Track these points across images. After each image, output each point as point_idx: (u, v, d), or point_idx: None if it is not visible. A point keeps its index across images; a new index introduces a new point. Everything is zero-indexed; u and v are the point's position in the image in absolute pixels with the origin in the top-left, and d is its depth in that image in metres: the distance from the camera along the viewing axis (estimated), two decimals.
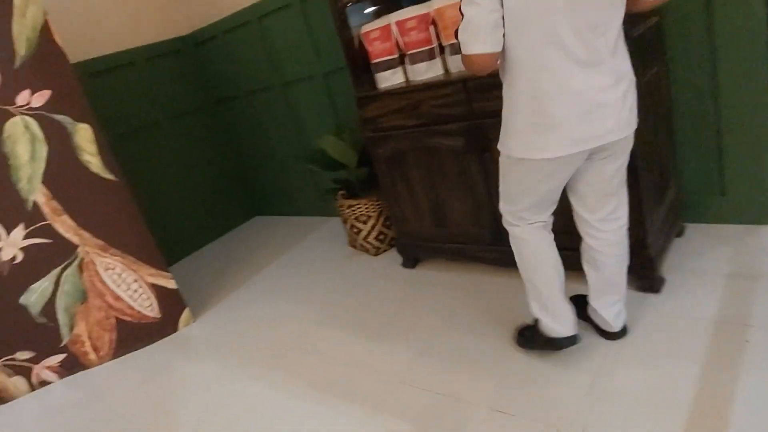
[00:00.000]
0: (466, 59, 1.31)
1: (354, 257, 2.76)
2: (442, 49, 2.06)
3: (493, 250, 2.08)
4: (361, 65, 2.23)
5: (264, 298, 2.61)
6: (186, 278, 3.08)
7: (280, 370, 1.97)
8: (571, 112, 1.27)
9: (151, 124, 3.31)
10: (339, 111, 2.97)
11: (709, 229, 2.05)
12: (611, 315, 1.60)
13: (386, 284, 2.39)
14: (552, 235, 1.55)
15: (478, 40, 1.25)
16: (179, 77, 3.46)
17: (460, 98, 1.88)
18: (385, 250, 2.71)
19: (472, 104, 1.87)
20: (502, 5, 1.21)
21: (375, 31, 2.12)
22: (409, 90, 2.02)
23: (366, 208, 2.63)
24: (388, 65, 2.15)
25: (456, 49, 1.77)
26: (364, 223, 2.66)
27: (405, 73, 2.16)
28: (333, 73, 2.88)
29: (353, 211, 2.66)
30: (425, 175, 2.13)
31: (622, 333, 1.63)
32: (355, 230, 2.71)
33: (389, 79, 2.17)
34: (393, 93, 2.08)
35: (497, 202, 1.57)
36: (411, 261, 2.45)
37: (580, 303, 1.67)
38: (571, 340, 1.58)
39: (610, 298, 1.59)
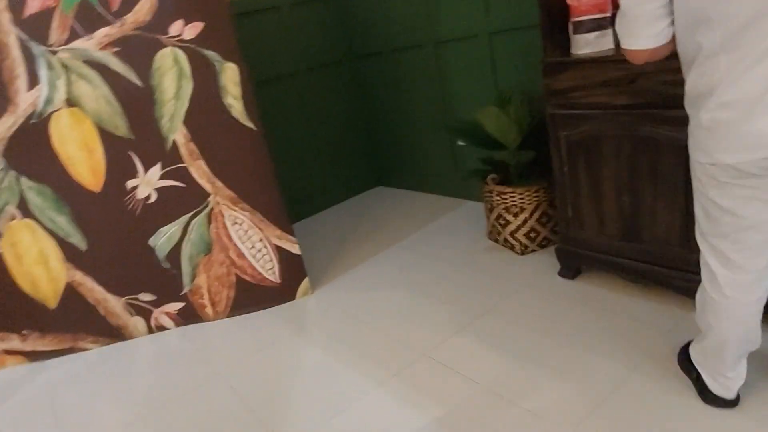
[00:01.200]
0: (623, 52, 1.17)
1: (495, 252, 2.38)
2: None
3: (697, 279, 1.59)
4: (555, 24, 1.80)
5: (387, 284, 2.32)
6: (304, 244, 2.90)
7: (408, 382, 1.66)
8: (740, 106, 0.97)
9: (287, 74, 3.11)
10: (500, 80, 2.56)
11: None
12: None
13: (538, 294, 1.99)
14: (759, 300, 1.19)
15: (630, 34, 1.11)
16: (323, 27, 3.22)
17: None
18: (533, 250, 2.31)
19: None
20: None
21: None
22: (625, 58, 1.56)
23: (521, 199, 2.23)
24: (595, 25, 1.69)
25: None
26: (516, 215, 2.26)
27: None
28: (500, 33, 2.46)
29: (504, 199, 2.27)
30: (625, 171, 1.67)
31: None
32: (502, 222, 2.32)
33: (592, 44, 1.71)
34: (601, 60, 1.62)
35: None
36: (572, 271, 2.03)
37: None
38: (723, 402, 1.30)
39: None
